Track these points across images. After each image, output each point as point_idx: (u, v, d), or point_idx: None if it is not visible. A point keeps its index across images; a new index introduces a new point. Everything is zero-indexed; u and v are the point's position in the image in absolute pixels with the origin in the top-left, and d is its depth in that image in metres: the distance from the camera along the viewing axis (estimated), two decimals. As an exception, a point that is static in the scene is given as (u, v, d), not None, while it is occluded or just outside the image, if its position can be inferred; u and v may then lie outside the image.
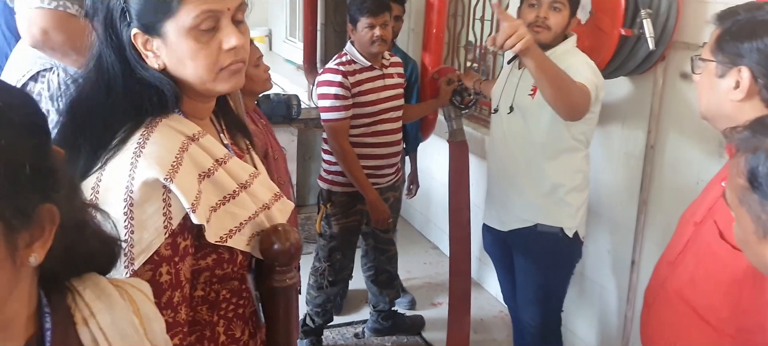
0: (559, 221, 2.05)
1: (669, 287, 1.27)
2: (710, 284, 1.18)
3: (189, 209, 0.90)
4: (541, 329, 2.18)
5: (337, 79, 2.44)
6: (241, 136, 1.14)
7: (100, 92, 0.94)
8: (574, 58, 1.97)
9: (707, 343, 1.19)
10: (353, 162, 2.51)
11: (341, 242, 2.68)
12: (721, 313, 1.17)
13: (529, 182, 2.05)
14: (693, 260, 1.22)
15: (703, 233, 1.21)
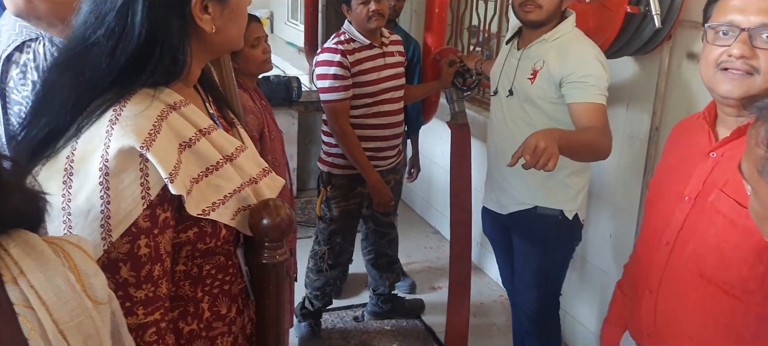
0: (559, 204, 2.01)
1: (680, 267, 1.20)
2: (736, 256, 1.12)
3: (167, 179, 0.87)
4: (539, 312, 2.16)
5: (336, 58, 2.40)
6: (227, 109, 1.11)
7: (105, 50, 0.89)
8: (577, 47, 1.91)
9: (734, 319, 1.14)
10: (354, 144, 2.47)
11: (341, 225, 2.65)
12: (749, 284, 1.11)
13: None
14: (709, 234, 1.16)
15: (710, 205, 1.15)
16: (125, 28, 0.89)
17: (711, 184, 1.17)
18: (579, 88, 1.84)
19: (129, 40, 0.89)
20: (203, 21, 0.93)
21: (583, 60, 1.87)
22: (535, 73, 1.94)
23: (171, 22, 0.90)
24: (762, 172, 0.74)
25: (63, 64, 0.92)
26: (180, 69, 0.93)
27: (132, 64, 0.89)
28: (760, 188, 0.75)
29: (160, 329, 0.92)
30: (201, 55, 0.99)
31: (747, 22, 1.10)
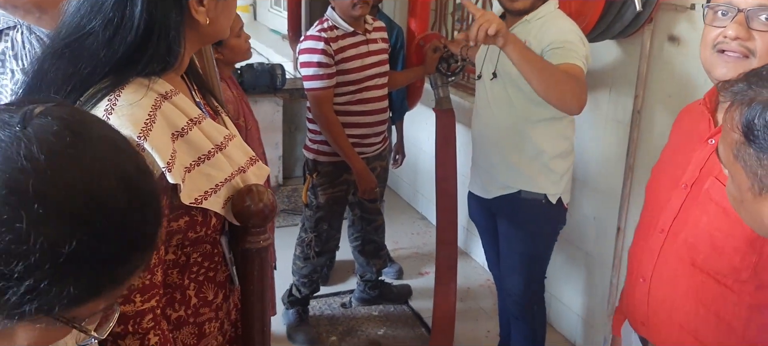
0: (543, 188, 2.02)
1: (673, 255, 1.20)
2: (728, 245, 1.11)
3: (164, 168, 0.87)
4: (524, 295, 2.18)
5: (320, 46, 2.38)
6: (211, 97, 1.11)
7: (102, 40, 0.89)
8: (558, 23, 1.92)
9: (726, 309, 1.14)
10: (338, 131, 2.46)
11: (328, 212, 2.65)
12: (742, 274, 1.11)
13: (513, 149, 2.03)
14: (702, 222, 1.15)
15: (705, 193, 1.15)
16: (124, 19, 0.88)
17: (707, 171, 1.15)
18: (558, 52, 1.84)
19: (127, 31, 0.89)
20: (198, 13, 0.94)
21: (563, 29, 1.89)
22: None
23: (169, 14, 0.91)
24: (737, 155, 0.74)
25: (57, 52, 0.91)
26: (174, 59, 0.94)
27: (129, 54, 0.90)
28: (736, 171, 0.76)
29: (156, 315, 0.93)
30: (192, 45, 1.00)
31: (745, 2, 1.07)
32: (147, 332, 0.91)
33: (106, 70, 0.89)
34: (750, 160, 0.72)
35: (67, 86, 0.89)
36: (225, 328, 1.09)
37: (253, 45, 5.37)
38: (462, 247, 3.35)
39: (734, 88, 0.75)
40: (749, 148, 0.72)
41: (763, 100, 0.71)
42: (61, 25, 0.92)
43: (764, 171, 0.71)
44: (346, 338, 2.75)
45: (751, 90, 0.73)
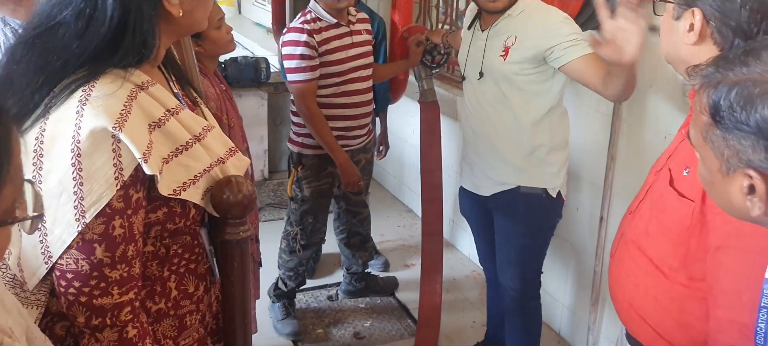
0: (543, 182, 2.00)
1: (628, 237, 1.27)
2: (662, 234, 1.17)
3: (141, 159, 0.87)
4: (522, 291, 2.16)
5: (303, 38, 2.37)
6: (190, 89, 1.10)
7: (74, 31, 0.88)
8: (548, 17, 1.89)
9: (661, 293, 1.19)
10: (321, 124, 2.45)
11: (313, 205, 2.65)
12: (672, 262, 1.16)
13: (509, 145, 2.00)
14: (648, 209, 1.22)
15: (659, 182, 1.21)
16: (96, 10, 0.88)
17: (670, 160, 1.21)
18: (571, 47, 1.82)
19: (100, 23, 0.88)
20: (172, 4, 0.93)
21: (555, 22, 1.87)
22: (507, 49, 1.91)
23: (142, 6, 0.90)
24: (706, 137, 0.76)
25: (28, 42, 0.90)
26: (150, 52, 0.93)
27: (103, 46, 0.89)
28: (706, 153, 0.78)
29: (134, 308, 0.93)
30: (167, 37, 0.99)
31: None
32: (125, 325, 0.91)
33: (80, 61, 0.89)
34: (717, 142, 0.74)
35: (38, 77, 0.88)
36: (206, 320, 1.08)
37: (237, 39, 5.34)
38: (448, 238, 3.36)
39: (703, 72, 0.76)
40: (716, 129, 0.74)
41: (729, 82, 0.72)
42: (34, 15, 0.91)
43: (731, 152, 0.73)
44: (332, 331, 2.76)
45: (718, 73, 0.74)
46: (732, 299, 1.04)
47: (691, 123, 0.81)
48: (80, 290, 0.88)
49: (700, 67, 0.79)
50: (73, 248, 0.86)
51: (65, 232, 0.86)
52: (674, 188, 1.14)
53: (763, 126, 0.68)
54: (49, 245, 0.87)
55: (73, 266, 0.87)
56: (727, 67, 0.74)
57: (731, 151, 0.73)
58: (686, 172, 1.13)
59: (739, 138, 0.71)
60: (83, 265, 0.87)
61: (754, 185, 0.72)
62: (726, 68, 0.74)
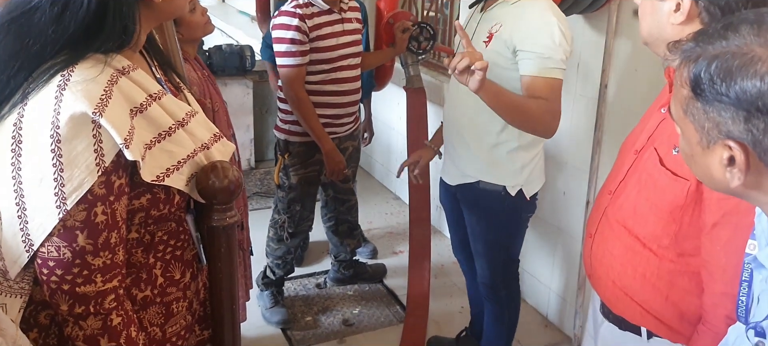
0: (502, 179, 1.95)
1: (611, 216, 1.28)
2: (652, 213, 1.19)
3: (122, 145, 0.85)
4: (492, 280, 2.16)
5: (294, 22, 2.35)
6: (172, 73, 1.08)
7: (50, 16, 0.86)
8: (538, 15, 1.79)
9: (650, 270, 1.21)
10: (309, 111, 2.44)
11: (300, 192, 2.63)
12: (663, 240, 1.18)
13: (474, 138, 1.96)
14: (635, 188, 1.23)
15: (644, 161, 1.22)
16: None
17: (652, 140, 1.22)
18: (532, 60, 1.75)
19: (77, 7, 0.86)
20: None
21: (540, 29, 1.76)
22: (491, 36, 1.86)
23: None
24: (686, 111, 0.77)
25: (4, 27, 0.88)
26: (130, 36, 0.92)
27: (82, 31, 0.87)
28: (686, 127, 0.78)
29: (118, 295, 0.91)
30: (148, 22, 0.97)
31: None
32: (109, 313, 0.90)
33: (59, 46, 0.87)
34: (698, 115, 0.75)
35: (13, 63, 0.86)
36: (194, 307, 1.07)
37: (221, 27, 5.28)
38: (435, 225, 3.37)
39: (684, 47, 0.77)
40: (697, 102, 0.75)
41: (709, 55, 0.73)
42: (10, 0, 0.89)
43: (711, 124, 0.74)
44: (321, 319, 2.76)
45: (698, 47, 0.75)
46: (728, 273, 1.07)
47: (672, 98, 0.82)
48: (62, 278, 0.87)
49: (680, 43, 0.80)
50: (54, 235, 0.85)
51: (46, 219, 0.84)
52: (667, 168, 1.15)
53: (743, 97, 0.69)
54: (29, 233, 0.85)
55: (55, 253, 0.86)
56: (706, 41, 0.75)
57: (711, 124, 0.74)
58: (676, 151, 1.14)
59: (719, 110, 0.72)
60: (65, 252, 0.86)
61: (733, 156, 0.73)
62: (706, 42, 0.75)
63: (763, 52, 0.69)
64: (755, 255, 0.83)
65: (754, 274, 0.84)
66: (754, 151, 0.72)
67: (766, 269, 0.80)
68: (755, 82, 0.69)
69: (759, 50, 0.70)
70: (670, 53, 0.82)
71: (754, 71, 0.69)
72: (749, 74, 0.69)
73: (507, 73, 1.81)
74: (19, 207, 0.84)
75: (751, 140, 0.71)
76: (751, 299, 0.84)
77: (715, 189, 0.82)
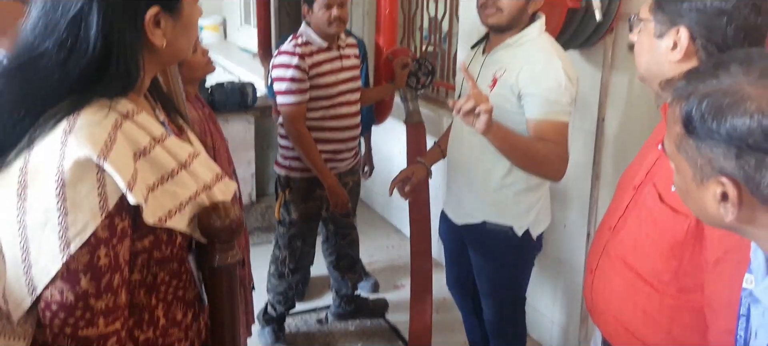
0: (508, 220, 1.93)
1: (612, 252, 1.28)
2: (653, 249, 1.19)
3: (125, 189, 0.86)
4: (499, 319, 2.14)
5: (294, 61, 2.39)
6: (176, 115, 1.10)
7: (55, 61, 0.88)
8: (542, 58, 1.79)
9: (651, 306, 1.21)
10: (310, 147, 2.47)
11: (301, 228, 2.64)
12: (664, 276, 1.18)
13: (479, 178, 1.96)
14: (635, 224, 1.24)
15: (643, 196, 1.23)
16: (78, 40, 0.87)
17: (651, 176, 1.23)
18: (538, 103, 1.74)
19: (82, 53, 0.88)
20: (155, 35, 0.93)
21: (544, 72, 1.76)
22: (495, 80, 1.85)
23: (125, 36, 0.90)
24: (679, 147, 0.79)
25: (11, 73, 0.90)
26: (134, 81, 0.93)
27: (86, 76, 0.89)
28: (680, 163, 0.80)
29: (120, 338, 0.91)
30: (152, 67, 0.99)
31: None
32: None
33: (63, 91, 0.88)
34: (691, 151, 0.77)
35: (20, 108, 0.88)
36: (195, 347, 1.07)
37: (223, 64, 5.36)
38: (437, 258, 3.36)
39: (675, 86, 0.79)
40: (689, 139, 0.76)
41: (700, 93, 0.75)
42: (16, 46, 0.91)
43: (704, 160, 0.75)
44: (323, 355, 2.73)
45: (689, 86, 0.77)
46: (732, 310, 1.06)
47: (666, 135, 0.84)
48: (65, 321, 0.87)
49: (673, 82, 0.82)
50: (57, 278, 0.86)
51: (49, 263, 0.85)
52: (666, 204, 1.16)
53: (733, 134, 0.71)
54: (33, 277, 0.86)
55: (58, 297, 0.86)
56: (698, 79, 0.77)
57: (704, 160, 0.75)
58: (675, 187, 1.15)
59: (711, 147, 0.74)
60: (68, 296, 0.86)
61: (726, 191, 0.74)
62: (697, 81, 0.77)
63: (752, 91, 0.71)
64: (751, 289, 0.84)
65: (752, 308, 0.84)
66: (747, 186, 0.73)
67: (762, 304, 0.81)
68: (745, 119, 0.70)
69: (748, 89, 0.72)
70: (663, 91, 0.84)
71: (743, 109, 0.71)
72: (739, 112, 0.71)
73: (513, 117, 1.81)
74: (23, 251, 0.85)
75: (743, 176, 0.73)
76: (749, 332, 0.85)
77: (710, 224, 0.83)
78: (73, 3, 0.87)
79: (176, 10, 0.95)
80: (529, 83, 1.76)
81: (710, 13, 1.10)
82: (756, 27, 1.11)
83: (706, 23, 1.10)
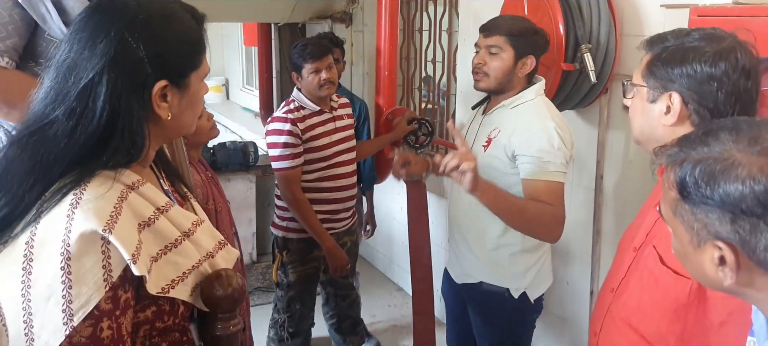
0: (505, 282, 1.92)
1: (615, 314, 1.27)
2: (656, 311, 1.18)
3: (129, 261, 0.87)
4: None
5: (286, 127, 2.42)
6: (180, 183, 1.12)
7: (64, 130, 0.89)
8: (535, 120, 1.79)
9: None
10: (307, 210, 2.46)
11: (300, 290, 2.62)
12: (669, 339, 1.17)
13: (476, 239, 1.95)
14: (637, 286, 1.23)
15: (644, 258, 1.23)
16: (86, 109, 0.89)
17: (650, 238, 1.23)
18: (531, 164, 1.75)
19: (89, 121, 0.89)
20: (161, 108, 0.95)
21: (537, 133, 1.76)
22: (489, 140, 1.87)
23: (132, 107, 0.92)
24: (675, 212, 0.80)
25: (22, 141, 0.91)
26: (139, 152, 0.94)
27: (92, 145, 0.90)
28: (677, 227, 0.81)
29: None
30: (157, 138, 1.01)
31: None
32: None
33: (69, 160, 0.90)
34: (687, 216, 0.78)
35: (30, 178, 0.89)
36: (196, 418, 1.06)
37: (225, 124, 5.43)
38: (439, 317, 3.32)
39: (668, 152, 0.81)
40: (685, 204, 0.78)
41: (693, 160, 0.77)
42: (28, 115, 0.93)
43: (700, 225, 0.76)
44: (324, 420, 2.67)
45: (682, 152, 0.79)
46: None
47: (662, 199, 0.85)
48: None
49: (665, 148, 0.84)
50: None
51: (52, 337, 0.85)
52: (668, 266, 1.16)
53: (727, 200, 0.73)
54: None
55: None
56: (689, 146, 0.79)
57: (700, 225, 0.76)
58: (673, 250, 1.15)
59: (706, 212, 0.75)
60: None
61: (724, 256, 0.75)
62: (689, 147, 0.79)
63: (742, 158, 0.73)
64: None
65: None
66: (743, 250, 0.74)
67: None
68: (737, 185, 0.72)
69: (738, 156, 0.74)
70: (657, 157, 0.86)
71: (735, 175, 0.72)
72: (731, 178, 0.73)
73: (507, 178, 1.81)
74: (27, 325, 0.85)
75: (739, 240, 0.74)
76: None
77: (710, 287, 0.84)
78: (84, 73, 0.90)
79: (183, 85, 0.98)
80: (522, 144, 1.77)
81: (700, 79, 1.12)
82: (746, 91, 1.13)
83: (697, 89, 1.12)
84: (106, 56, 0.90)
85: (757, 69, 1.14)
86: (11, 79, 1.26)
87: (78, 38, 0.92)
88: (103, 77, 0.90)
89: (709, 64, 1.11)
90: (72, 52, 0.91)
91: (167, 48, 0.95)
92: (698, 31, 1.16)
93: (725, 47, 1.11)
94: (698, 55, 1.12)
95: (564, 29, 2.03)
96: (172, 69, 0.95)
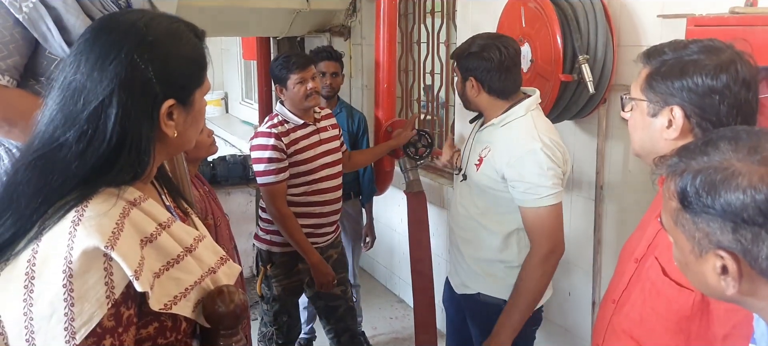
0: (502, 292, 1.91)
1: (617, 326, 1.27)
2: (659, 323, 1.18)
3: (132, 277, 0.87)
4: None
5: (270, 142, 2.39)
6: (181, 199, 1.12)
7: (75, 152, 0.90)
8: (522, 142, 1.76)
9: None
10: (293, 225, 2.43)
11: (285, 303, 2.59)
12: None
13: (472, 251, 1.96)
14: (639, 298, 1.22)
15: (645, 270, 1.22)
16: (96, 132, 0.90)
17: (652, 249, 1.22)
18: (521, 190, 1.76)
19: (100, 143, 0.90)
20: (167, 126, 0.96)
21: (524, 158, 1.74)
22: (481, 159, 1.87)
23: (141, 128, 0.92)
24: (676, 222, 0.80)
25: (30, 164, 0.91)
26: (143, 170, 0.95)
27: (100, 165, 0.90)
28: (678, 237, 0.81)
29: None
30: (161, 155, 1.01)
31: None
32: None
33: (79, 180, 0.90)
34: (688, 225, 0.78)
35: (37, 198, 0.89)
36: None
37: (225, 137, 5.44)
38: (441, 328, 3.31)
39: (668, 163, 0.81)
40: (686, 213, 0.78)
41: (693, 170, 0.77)
42: (34, 136, 0.93)
43: (701, 234, 0.77)
44: None
45: (682, 163, 0.79)
46: None
47: (662, 209, 0.85)
48: None
49: (666, 158, 0.84)
50: None
51: None
52: (671, 278, 1.15)
53: (728, 209, 0.73)
54: None
55: None
56: (689, 156, 0.80)
57: (701, 234, 0.77)
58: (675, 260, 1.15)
59: (707, 221, 0.75)
60: None
61: (726, 265, 0.75)
62: (689, 157, 0.79)
63: (742, 167, 0.74)
64: None
65: None
66: (745, 259, 0.74)
67: None
68: (738, 194, 0.72)
69: (738, 165, 0.74)
70: (657, 168, 0.86)
71: (736, 185, 0.73)
72: (732, 187, 0.73)
73: (501, 195, 1.83)
74: (29, 343, 0.85)
75: (741, 250, 0.74)
76: None
77: (711, 297, 0.84)
78: (93, 96, 0.90)
79: (189, 103, 0.99)
80: (510, 168, 1.77)
81: (702, 92, 1.10)
82: (747, 102, 1.12)
83: (699, 102, 1.11)
84: (116, 78, 0.90)
85: (756, 79, 1.14)
86: (12, 98, 1.26)
87: (85, 59, 0.92)
88: (114, 99, 0.90)
89: (711, 77, 1.09)
90: (78, 74, 0.91)
91: (175, 68, 0.95)
92: (696, 43, 1.15)
93: (725, 59, 1.10)
94: (698, 68, 1.10)
95: (562, 41, 2.03)
96: (179, 88, 0.96)
